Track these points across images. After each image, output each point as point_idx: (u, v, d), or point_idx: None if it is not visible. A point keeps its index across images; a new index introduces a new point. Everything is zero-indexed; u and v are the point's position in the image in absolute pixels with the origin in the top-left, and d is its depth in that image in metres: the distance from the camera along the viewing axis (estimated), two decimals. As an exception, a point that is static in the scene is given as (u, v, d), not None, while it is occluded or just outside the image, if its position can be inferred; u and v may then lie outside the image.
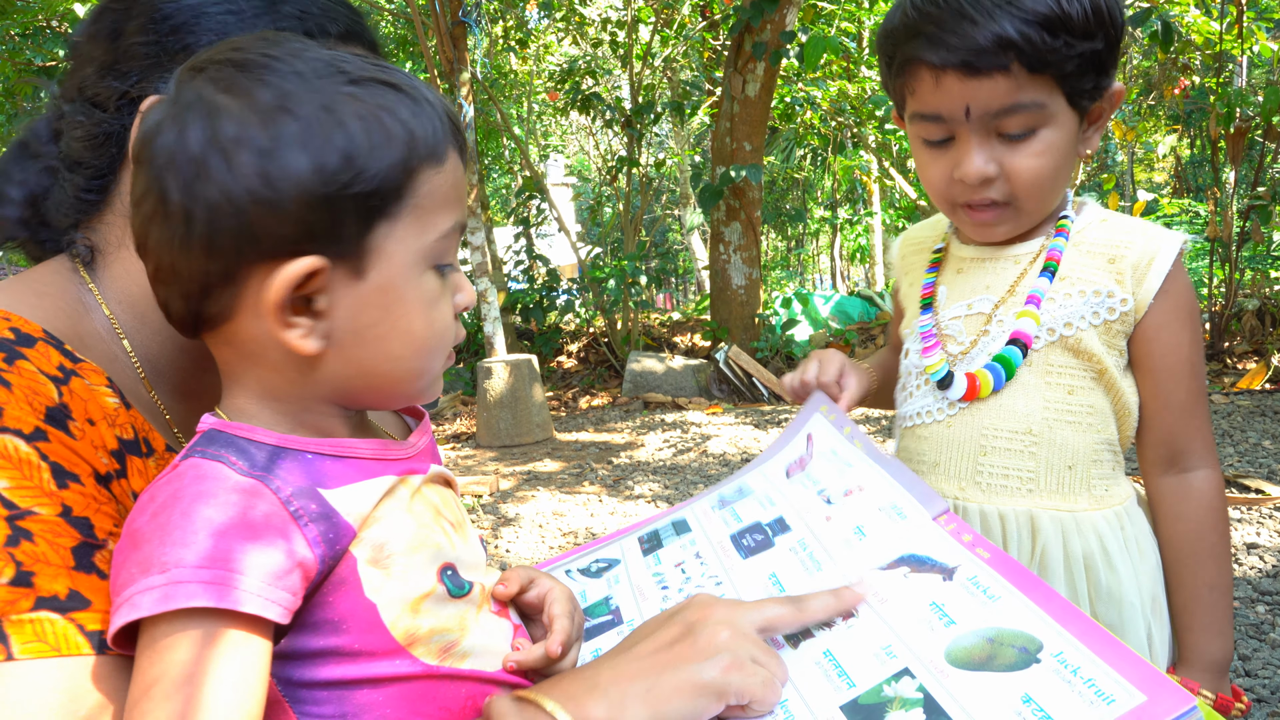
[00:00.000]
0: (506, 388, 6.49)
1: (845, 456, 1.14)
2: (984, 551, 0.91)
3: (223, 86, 0.65)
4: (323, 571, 0.67)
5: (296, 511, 0.66)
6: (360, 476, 0.72)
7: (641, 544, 1.15)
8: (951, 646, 0.79)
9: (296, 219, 0.64)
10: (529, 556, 3.86)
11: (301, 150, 0.64)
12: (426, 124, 0.70)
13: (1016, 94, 1.05)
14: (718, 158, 8.38)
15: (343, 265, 0.68)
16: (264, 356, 0.70)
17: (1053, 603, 0.80)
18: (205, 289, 0.67)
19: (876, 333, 8.95)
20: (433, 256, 0.72)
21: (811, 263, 23.38)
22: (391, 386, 0.74)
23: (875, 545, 0.99)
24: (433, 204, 0.71)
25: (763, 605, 0.82)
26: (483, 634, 0.78)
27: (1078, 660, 0.73)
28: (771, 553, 1.05)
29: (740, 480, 1.27)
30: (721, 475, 4.98)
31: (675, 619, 0.80)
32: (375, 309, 0.70)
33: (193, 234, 0.65)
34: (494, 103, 9.63)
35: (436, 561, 0.74)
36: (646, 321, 10.47)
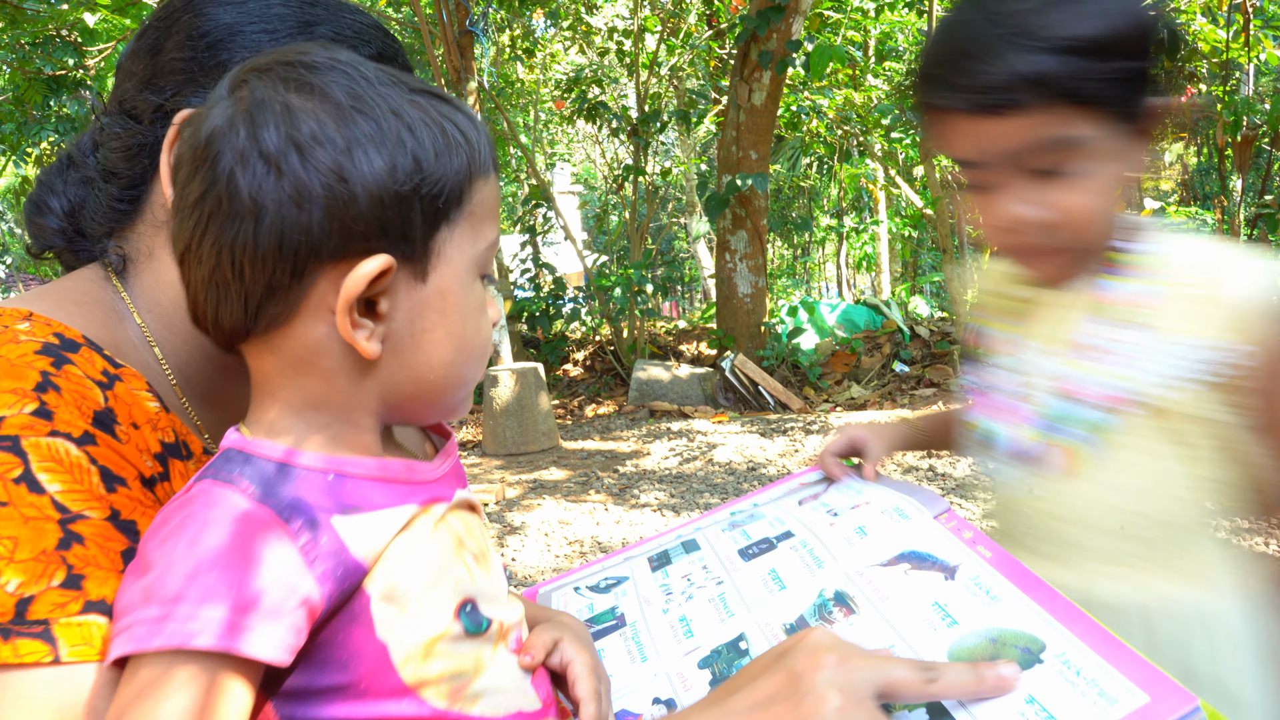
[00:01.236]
0: (512, 396, 6.50)
1: (859, 488, 1.15)
2: (985, 550, 0.92)
3: (295, 86, 0.66)
4: (330, 609, 0.66)
5: (306, 545, 0.65)
6: (381, 504, 0.70)
7: (650, 562, 1.16)
8: (955, 646, 0.79)
9: (370, 216, 0.65)
10: (535, 565, 3.86)
11: (377, 149, 0.65)
12: (479, 136, 0.72)
13: (1037, 130, 0.95)
14: (724, 166, 8.39)
15: (407, 267, 0.68)
16: (314, 364, 0.69)
17: (1055, 603, 0.80)
18: (271, 289, 0.66)
19: (883, 341, 8.95)
20: (481, 265, 0.74)
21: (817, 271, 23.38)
22: (436, 395, 0.74)
23: (876, 543, 0.99)
24: (484, 213, 0.73)
25: (886, 665, 0.71)
26: (498, 673, 0.75)
27: (1081, 661, 0.73)
28: (773, 554, 1.06)
29: (753, 500, 1.28)
30: (727, 484, 4.98)
31: (780, 664, 0.72)
32: (434, 312, 0.71)
33: (263, 231, 0.64)
34: (500, 111, 9.66)
35: (455, 598, 0.72)
36: (652, 330, 10.48)
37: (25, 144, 9.43)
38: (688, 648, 0.94)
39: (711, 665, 0.90)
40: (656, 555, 1.18)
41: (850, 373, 8.59)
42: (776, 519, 1.15)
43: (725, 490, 4.85)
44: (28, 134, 9.12)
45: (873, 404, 7.64)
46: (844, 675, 0.69)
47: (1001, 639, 0.78)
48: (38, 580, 0.64)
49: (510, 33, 11.43)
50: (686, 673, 0.90)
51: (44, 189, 0.92)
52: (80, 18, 7.47)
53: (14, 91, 8.59)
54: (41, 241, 0.92)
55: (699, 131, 14.06)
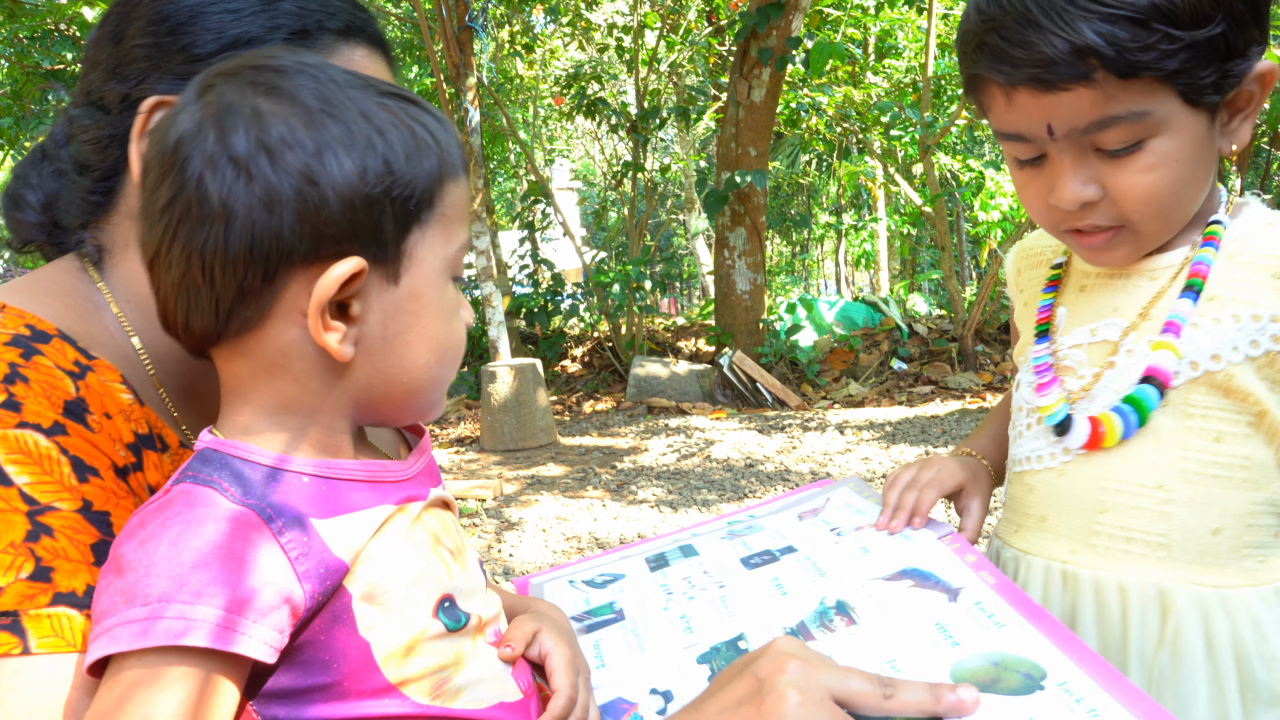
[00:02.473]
0: (510, 392, 6.50)
1: (861, 508, 1.15)
2: (989, 576, 0.92)
3: (263, 91, 0.66)
4: (312, 608, 0.66)
5: (289, 543, 0.65)
6: (358, 505, 0.71)
7: (648, 563, 1.16)
8: (956, 667, 0.79)
9: (341, 219, 0.65)
10: (532, 561, 3.86)
11: (347, 152, 0.65)
12: (449, 139, 0.72)
13: (1107, 106, 0.86)
14: (723, 163, 8.39)
15: (380, 269, 0.69)
16: (287, 367, 0.69)
17: (1057, 632, 0.81)
18: (242, 293, 0.66)
19: (881, 338, 8.95)
20: (453, 267, 0.74)
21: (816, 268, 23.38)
22: (410, 397, 0.75)
23: (879, 559, 1.00)
24: (455, 215, 0.73)
25: (847, 674, 0.74)
26: (478, 666, 0.76)
27: (1082, 690, 0.73)
28: (775, 565, 1.06)
29: (750, 511, 1.28)
30: (725, 480, 4.98)
31: (747, 670, 0.75)
32: (406, 315, 0.71)
33: (233, 235, 0.64)
34: (500, 107, 9.65)
35: (434, 595, 0.73)
36: (651, 326, 10.48)
37: (24, 138, 9.41)
38: (687, 642, 0.94)
39: (710, 661, 0.90)
40: (653, 557, 1.18)
41: (848, 370, 8.60)
42: (777, 532, 1.15)
43: (723, 487, 4.85)
44: (26, 128, 9.10)
45: (870, 401, 7.64)
46: (804, 677, 0.72)
47: (1004, 663, 0.79)
48: (5, 572, 0.64)
49: (510, 28, 11.42)
50: (685, 666, 0.90)
51: (19, 183, 0.91)
52: (78, 11, 7.45)
53: (12, 86, 8.57)
54: (21, 235, 0.91)
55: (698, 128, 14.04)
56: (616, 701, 0.88)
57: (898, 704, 0.73)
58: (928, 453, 5.27)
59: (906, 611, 0.89)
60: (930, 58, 8.79)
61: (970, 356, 8.24)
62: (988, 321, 8.90)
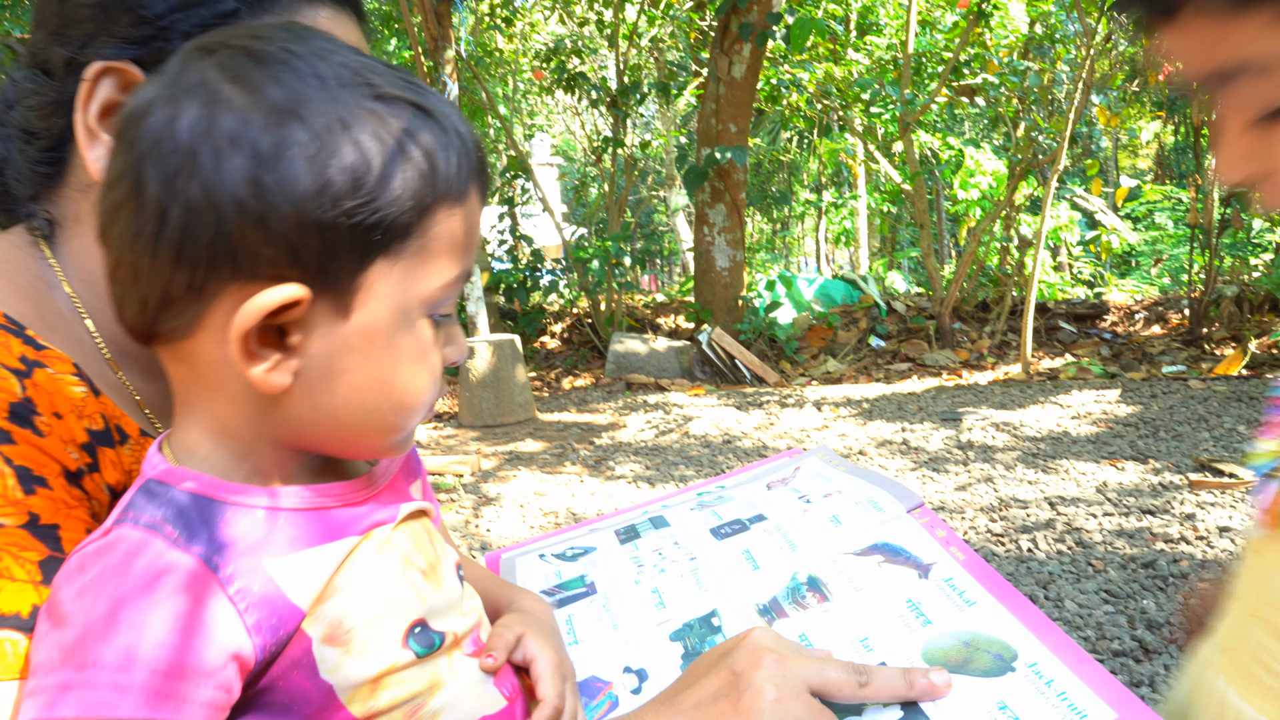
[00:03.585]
0: (489, 368, 6.49)
1: (829, 475, 1.16)
2: (958, 552, 0.92)
3: (231, 75, 0.58)
4: (265, 660, 0.61)
5: (237, 594, 0.59)
6: (317, 539, 0.65)
7: (618, 535, 1.16)
8: (928, 646, 0.80)
9: (284, 241, 0.57)
10: (510, 536, 3.87)
11: (306, 164, 0.56)
12: (452, 157, 0.62)
13: (1221, 48, 0.61)
14: (703, 139, 8.36)
15: (327, 299, 0.60)
16: (223, 385, 0.63)
17: (1027, 613, 0.81)
18: (167, 299, 0.60)
19: (859, 316, 8.98)
20: (431, 305, 0.64)
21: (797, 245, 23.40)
22: (358, 439, 0.66)
23: (850, 532, 1.00)
24: (443, 247, 0.63)
25: (823, 664, 0.74)
26: (455, 684, 0.72)
27: (1052, 672, 0.74)
28: (746, 535, 1.06)
29: (720, 482, 1.28)
30: (703, 457, 5.00)
31: (723, 663, 0.74)
32: (355, 354, 0.62)
33: (164, 236, 0.57)
34: (479, 81, 9.57)
35: (404, 623, 0.67)
36: (630, 303, 10.47)
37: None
38: (659, 619, 0.94)
39: (684, 639, 0.90)
40: (624, 529, 1.18)
41: (826, 347, 8.63)
42: (748, 502, 1.15)
43: (700, 463, 4.87)
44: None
45: (848, 378, 7.68)
46: (780, 672, 0.72)
47: (975, 643, 0.79)
48: None
49: (489, 1, 11.31)
50: (658, 643, 0.90)
51: None
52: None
53: (-18, 54, 8.42)
54: None
55: (679, 104, 13.99)
56: (590, 680, 0.88)
57: (873, 691, 0.74)
58: (904, 429, 5.31)
59: (878, 588, 0.90)
60: (911, 35, 8.77)
61: (947, 334, 8.28)
62: (965, 300, 8.94)
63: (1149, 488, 3.83)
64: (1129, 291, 9.99)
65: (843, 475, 1.15)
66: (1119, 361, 7.37)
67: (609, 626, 0.95)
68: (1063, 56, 9.29)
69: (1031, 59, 9.07)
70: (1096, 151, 17.22)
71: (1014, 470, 4.27)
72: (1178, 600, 2.71)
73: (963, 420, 5.42)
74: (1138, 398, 5.76)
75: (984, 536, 3.40)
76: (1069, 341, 8.19)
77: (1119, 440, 4.70)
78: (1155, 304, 8.61)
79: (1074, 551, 3.17)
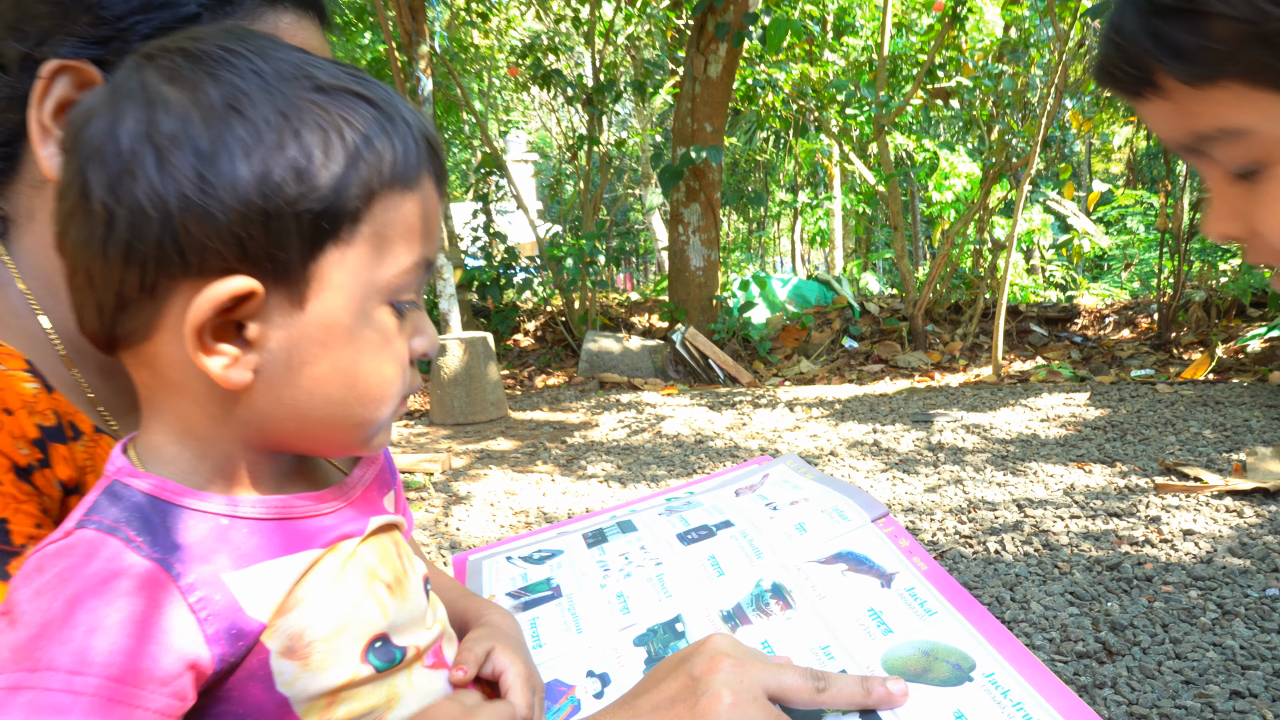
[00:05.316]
0: (461, 365, 6.47)
1: (797, 483, 1.17)
2: (921, 562, 0.94)
3: (168, 76, 0.59)
4: (221, 670, 0.61)
5: (197, 603, 0.60)
6: (279, 550, 0.65)
7: (585, 539, 1.17)
8: (888, 655, 0.82)
9: (231, 234, 0.58)
10: (480, 535, 3.86)
11: (247, 157, 0.58)
12: (398, 144, 0.63)
13: (1191, 119, 0.66)
14: (678, 138, 8.38)
15: (281, 290, 0.61)
16: (185, 385, 0.63)
17: (986, 624, 0.83)
18: (122, 302, 0.61)
19: (833, 316, 9.03)
20: (390, 292, 0.65)
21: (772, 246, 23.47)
22: (328, 435, 0.66)
23: (815, 540, 1.01)
24: (396, 233, 0.64)
25: (781, 670, 0.75)
26: (415, 699, 0.72)
27: (1008, 683, 0.75)
28: (712, 540, 1.07)
29: (688, 488, 1.29)
30: (675, 456, 5.01)
31: (682, 667, 0.75)
32: (315, 345, 0.62)
33: (113, 238, 0.58)
34: (454, 77, 9.53)
35: (365, 638, 0.68)
36: (605, 301, 10.47)
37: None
38: (624, 623, 0.95)
39: (647, 644, 0.91)
40: (591, 533, 1.18)
41: (800, 347, 8.67)
42: (715, 508, 1.16)
43: (673, 463, 4.88)
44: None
45: (821, 379, 7.72)
46: (737, 676, 0.73)
47: (934, 652, 0.81)
48: None
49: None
50: (622, 648, 0.91)
51: None
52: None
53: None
54: None
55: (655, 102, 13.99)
56: (553, 684, 0.88)
57: (830, 698, 0.75)
58: (876, 430, 5.34)
59: (841, 596, 0.91)
60: (886, 37, 8.83)
61: (920, 336, 8.34)
62: (938, 302, 9.01)
63: (1115, 490, 3.88)
64: (1100, 295, 10.10)
65: (810, 483, 1.16)
66: (1089, 365, 7.46)
67: (573, 630, 0.96)
68: (1037, 61, 9.38)
69: (1006, 63, 9.14)
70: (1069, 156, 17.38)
71: (983, 472, 4.31)
72: (1141, 603, 2.75)
73: (934, 422, 5.46)
74: (1106, 401, 5.83)
75: (952, 538, 3.43)
76: (1040, 344, 8.27)
77: (1087, 443, 4.75)
78: (1125, 308, 8.72)
79: (1040, 553, 3.20)
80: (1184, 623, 2.62)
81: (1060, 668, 2.41)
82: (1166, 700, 2.22)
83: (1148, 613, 2.68)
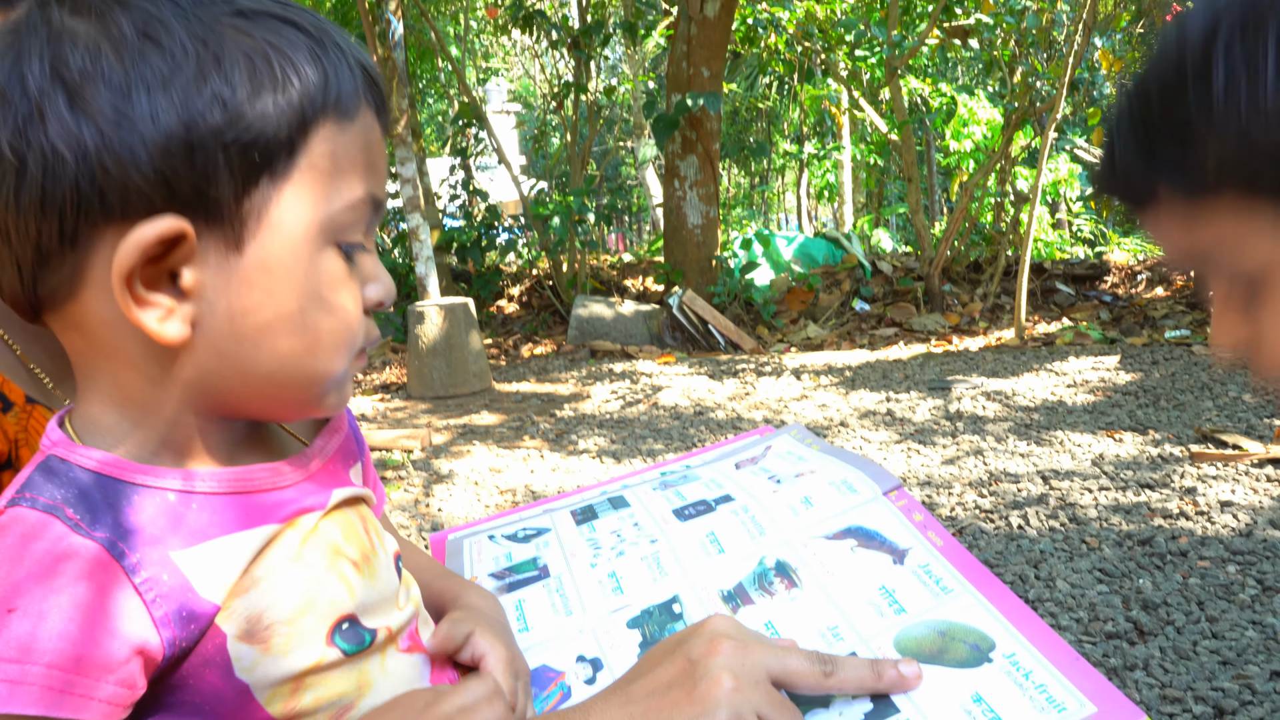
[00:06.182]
0: (440, 334, 6.46)
1: (802, 455, 1.16)
2: (936, 537, 0.94)
3: (73, 8, 0.59)
4: (174, 656, 0.61)
5: (144, 584, 0.60)
6: (233, 525, 0.65)
7: (574, 516, 1.16)
8: (901, 635, 0.82)
9: (153, 171, 0.57)
10: (463, 515, 3.87)
11: (165, 89, 0.57)
12: (332, 71, 0.63)
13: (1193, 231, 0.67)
14: (673, 84, 8.32)
15: (214, 232, 0.60)
16: (119, 347, 0.63)
17: (1006, 602, 0.83)
18: (41, 256, 0.60)
19: (842, 277, 9.02)
20: (334, 231, 0.64)
21: (776, 201, 23.41)
22: (278, 392, 0.66)
23: (822, 514, 1.01)
24: (335, 166, 0.64)
25: (785, 653, 0.75)
26: (388, 685, 0.72)
27: (1030, 664, 0.76)
28: (711, 516, 1.07)
29: (684, 462, 1.29)
30: (673, 429, 5.02)
31: (680, 650, 0.75)
32: (257, 290, 0.62)
33: (24, 187, 0.58)
34: (427, 19, 9.44)
35: (330, 619, 0.68)
36: (595, 263, 10.44)
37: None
38: (616, 604, 0.95)
39: (642, 626, 0.91)
40: (580, 509, 1.18)
41: (807, 311, 8.66)
42: (713, 481, 1.16)
43: (670, 436, 4.89)
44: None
45: (830, 344, 7.72)
46: (739, 660, 0.73)
47: (950, 633, 0.81)
48: None
49: (438, -69, 11.14)
50: (615, 631, 0.91)
51: None
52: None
53: None
54: None
55: (647, 46, 13.88)
56: (541, 670, 0.88)
57: (838, 682, 0.75)
58: (889, 399, 5.35)
59: (850, 574, 0.91)
60: (899, -29, 8.76)
61: (937, 297, 8.34)
62: (956, 260, 9.00)
63: (1148, 460, 3.89)
64: (1131, 251, 10.10)
65: (816, 454, 1.16)
66: (1119, 326, 7.47)
67: (562, 613, 0.96)
68: (1062, -5, 9.31)
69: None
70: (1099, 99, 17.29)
71: (1005, 442, 4.32)
72: (1175, 579, 2.76)
73: (952, 389, 5.47)
74: (1138, 364, 5.84)
75: (972, 513, 3.44)
76: (1066, 304, 8.27)
77: (1117, 410, 4.77)
78: (1159, 264, 8.71)
79: (1067, 528, 3.22)
80: (1221, 600, 2.64)
81: (1088, 649, 2.43)
82: (1202, 682, 2.23)
83: (1182, 590, 2.70)
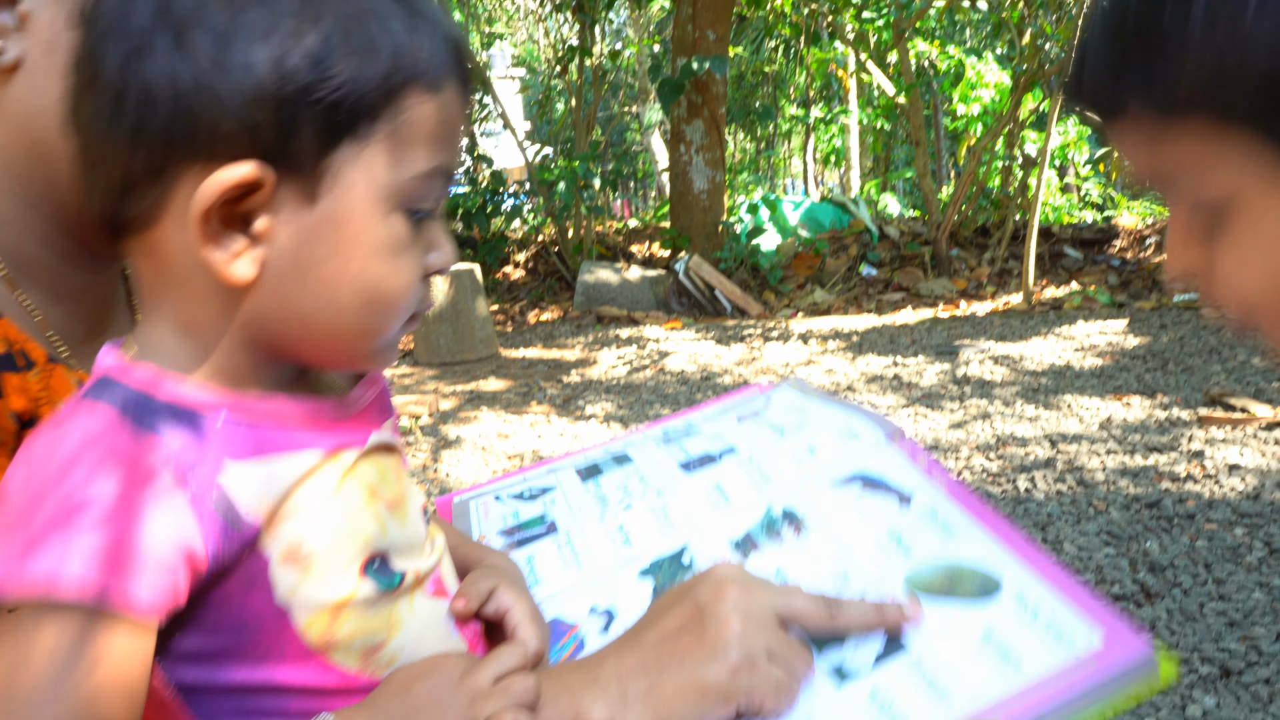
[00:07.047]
0: (447, 300, 6.46)
1: (802, 406, 1.17)
2: (941, 479, 0.94)
3: None
4: (216, 570, 0.64)
5: (193, 494, 0.62)
6: (276, 449, 0.67)
7: (579, 473, 1.17)
8: (910, 576, 0.83)
9: (242, 118, 0.60)
10: (470, 481, 3.89)
11: (264, 40, 0.60)
12: (422, 41, 0.65)
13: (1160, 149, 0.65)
14: (678, 48, 8.26)
15: (292, 183, 0.63)
16: (188, 279, 0.65)
17: (1013, 540, 0.84)
18: (128, 183, 0.63)
19: (849, 242, 8.99)
20: (406, 197, 0.66)
21: (783, 166, 23.30)
22: (331, 342, 0.69)
23: (827, 462, 1.01)
24: (415, 135, 0.66)
25: (790, 592, 0.77)
26: (415, 625, 0.74)
27: (1037, 600, 0.76)
28: (716, 467, 1.07)
29: (688, 418, 1.29)
30: (680, 394, 5.03)
31: (687, 597, 0.77)
32: (325, 244, 0.65)
33: (122, 115, 0.61)
34: (430, -18, 9.37)
35: (363, 554, 0.70)
36: (601, 229, 10.41)
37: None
38: (626, 557, 0.95)
39: (653, 576, 0.92)
40: (585, 467, 1.18)
41: (813, 276, 8.64)
42: (716, 435, 1.16)
43: (677, 401, 4.90)
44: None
45: (837, 309, 7.71)
46: (746, 602, 0.74)
47: (958, 572, 0.82)
48: None
49: (441, -108, 11.03)
50: (626, 582, 0.92)
51: None
52: None
53: None
54: None
55: (652, 8, 13.77)
56: (555, 622, 0.89)
57: (844, 620, 0.77)
58: (896, 363, 5.34)
59: (857, 519, 0.91)
60: (907, -69, 8.66)
61: (944, 261, 8.31)
62: (964, 224, 8.96)
63: (1155, 424, 3.89)
64: (1140, 214, 10.05)
65: (817, 405, 1.16)
66: (1127, 290, 7.44)
67: (573, 566, 0.96)
68: (1073, -45, 9.20)
69: (1039, -42, 8.98)
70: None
71: (1013, 406, 4.33)
72: (1183, 542, 2.77)
73: (959, 354, 5.47)
74: (1146, 328, 5.82)
75: (979, 476, 3.45)
76: (1075, 268, 8.24)
77: (1125, 374, 4.76)
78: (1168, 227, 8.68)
79: (1074, 491, 3.22)
80: (1228, 562, 2.64)
81: (1095, 611, 2.44)
82: (1209, 643, 2.24)
83: (1189, 552, 2.71)
